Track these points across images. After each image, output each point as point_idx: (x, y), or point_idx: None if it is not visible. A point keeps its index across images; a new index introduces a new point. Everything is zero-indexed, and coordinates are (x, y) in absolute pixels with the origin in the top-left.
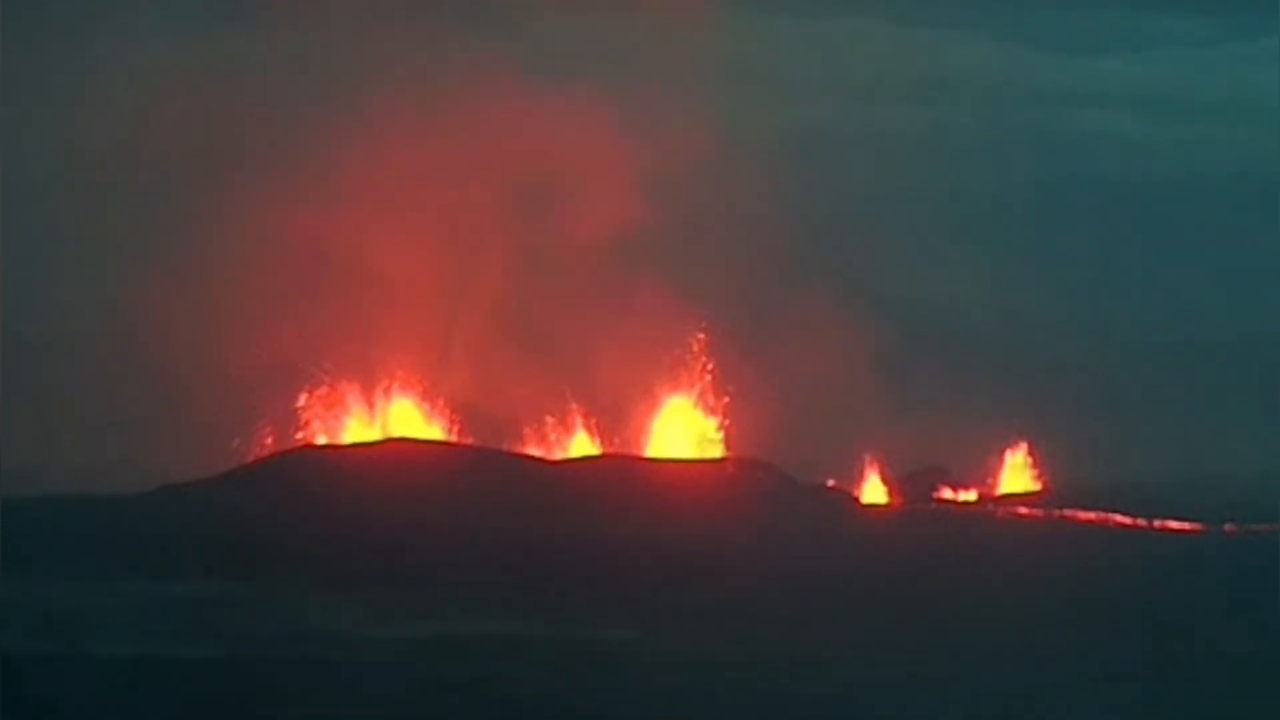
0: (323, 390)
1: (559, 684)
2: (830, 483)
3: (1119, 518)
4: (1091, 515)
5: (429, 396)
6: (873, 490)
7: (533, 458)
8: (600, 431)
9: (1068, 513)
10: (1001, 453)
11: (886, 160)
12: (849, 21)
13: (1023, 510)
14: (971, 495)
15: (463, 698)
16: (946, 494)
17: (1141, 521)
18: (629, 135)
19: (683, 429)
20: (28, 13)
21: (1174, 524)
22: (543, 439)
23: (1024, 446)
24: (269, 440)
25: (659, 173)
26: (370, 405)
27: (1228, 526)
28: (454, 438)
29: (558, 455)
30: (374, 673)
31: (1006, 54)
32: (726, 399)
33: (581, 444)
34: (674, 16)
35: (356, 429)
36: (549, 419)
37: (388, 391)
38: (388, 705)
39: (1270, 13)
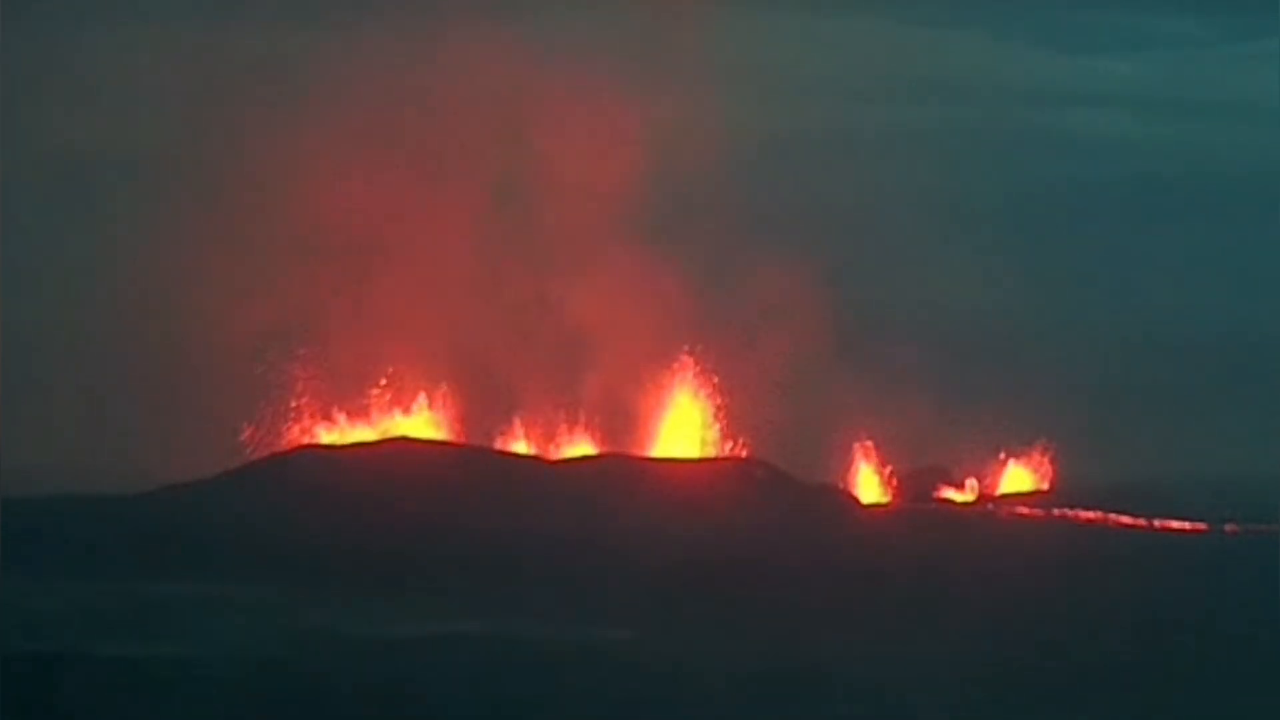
0: (322, 389)
1: (558, 684)
2: (829, 482)
3: (1119, 518)
4: (1091, 515)
5: (428, 394)
6: (872, 490)
7: (532, 458)
8: (599, 431)
9: (1068, 513)
10: (1002, 452)
11: (886, 160)
12: (849, 21)
13: (1023, 510)
14: (971, 495)
15: (461, 698)
16: (946, 494)
17: (1141, 521)
18: (628, 133)
19: (682, 428)
20: (26, 11)
21: (1174, 524)
22: (541, 438)
23: (1024, 446)
24: (268, 440)
25: (658, 171)
26: (370, 404)
27: (1228, 526)
28: (453, 437)
29: (557, 455)
30: (373, 673)
31: (1006, 54)
32: (726, 398)
33: (580, 444)
34: (673, 16)
35: (356, 428)
36: (548, 418)
37: (388, 390)
38: (386, 705)
39: (1270, 13)
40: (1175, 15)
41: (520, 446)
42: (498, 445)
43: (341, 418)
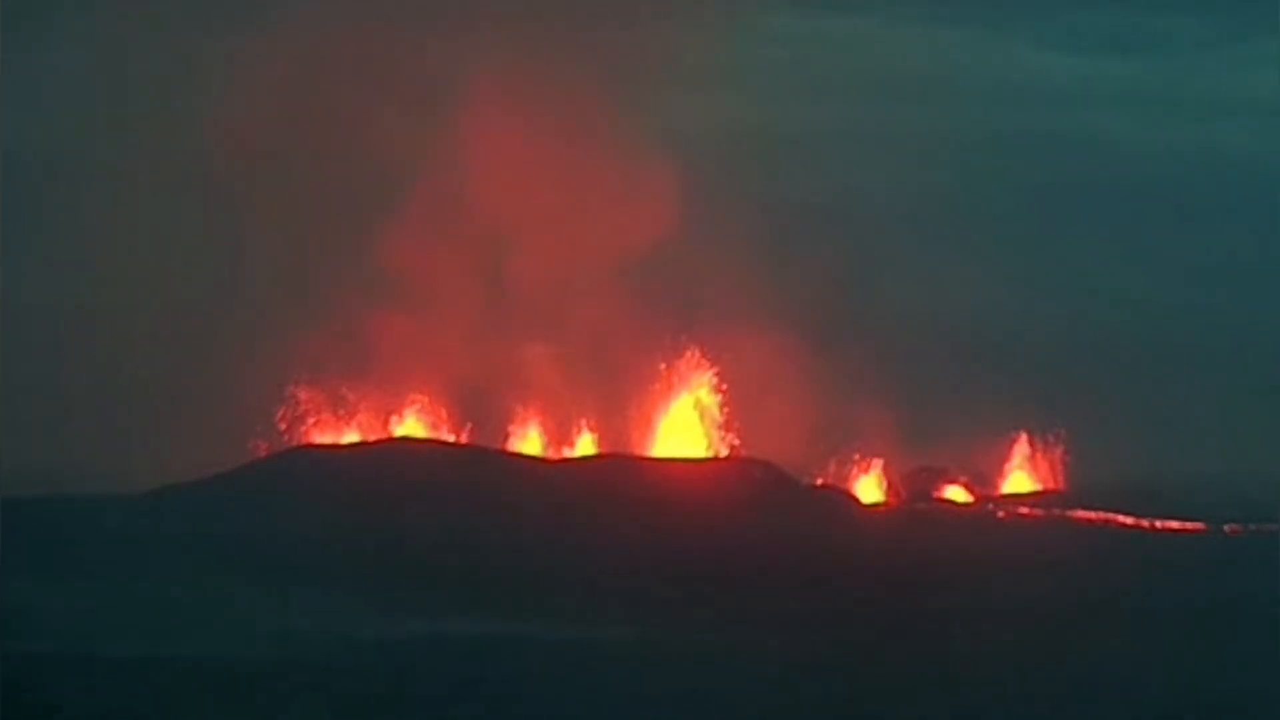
0: (323, 390)
1: (558, 684)
2: (829, 483)
3: (1119, 518)
4: (1091, 515)
5: (429, 395)
6: (872, 490)
7: (533, 458)
8: (600, 431)
9: (1068, 513)
10: (1002, 453)
11: (885, 160)
12: (849, 21)
13: (1023, 510)
14: (971, 495)
15: (462, 698)
16: (946, 494)
17: (1142, 521)
18: (628, 133)
19: (683, 428)
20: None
21: (1174, 524)
22: (542, 438)
23: (1024, 447)
24: (268, 441)
25: (656, 171)
26: (371, 405)
27: (1228, 526)
28: (454, 438)
29: (557, 455)
30: (372, 673)
31: (1006, 54)
32: (727, 399)
33: (582, 444)
34: (674, 17)
35: (357, 429)
36: (550, 419)
37: (389, 391)
38: (386, 705)
39: (1270, 13)
40: (1175, 15)
41: (521, 447)
42: (498, 446)
43: (341, 418)
